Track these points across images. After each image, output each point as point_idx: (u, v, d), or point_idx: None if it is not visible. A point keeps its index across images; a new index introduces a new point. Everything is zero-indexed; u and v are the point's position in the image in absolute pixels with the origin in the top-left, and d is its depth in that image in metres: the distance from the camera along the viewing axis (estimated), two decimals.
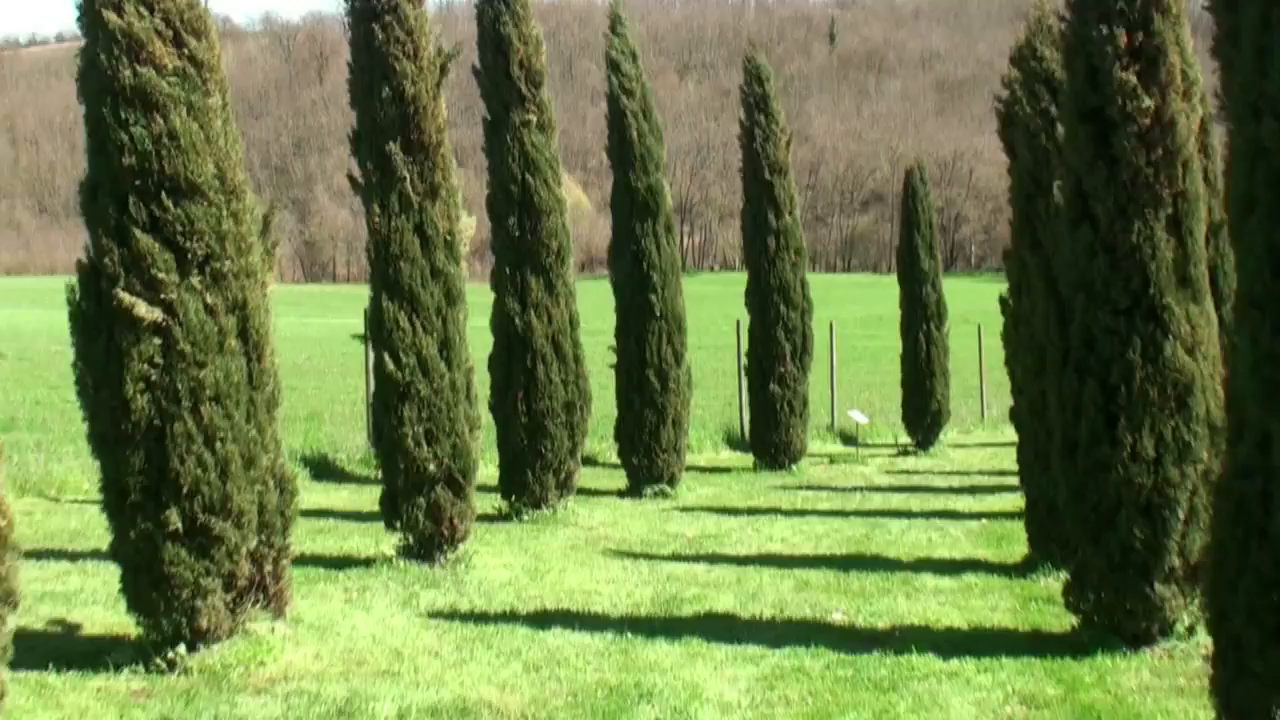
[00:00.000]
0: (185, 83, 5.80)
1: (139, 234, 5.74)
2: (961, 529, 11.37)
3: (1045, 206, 8.81)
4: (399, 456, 8.82)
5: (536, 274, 11.75)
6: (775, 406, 15.98)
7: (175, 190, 5.74)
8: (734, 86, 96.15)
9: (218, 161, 5.90)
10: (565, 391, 11.78)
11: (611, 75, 13.77)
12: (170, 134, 5.73)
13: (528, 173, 11.65)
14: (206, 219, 5.78)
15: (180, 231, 5.73)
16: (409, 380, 8.66)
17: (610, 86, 13.78)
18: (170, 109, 5.74)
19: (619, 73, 13.73)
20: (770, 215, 15.92)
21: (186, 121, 5.78)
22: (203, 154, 5.83)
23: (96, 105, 5.90)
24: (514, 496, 11.85)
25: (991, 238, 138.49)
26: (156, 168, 5.78)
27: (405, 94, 8.73)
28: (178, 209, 5.71)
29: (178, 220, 5.71)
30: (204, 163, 5.82)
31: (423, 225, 8.76)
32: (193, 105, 5.83)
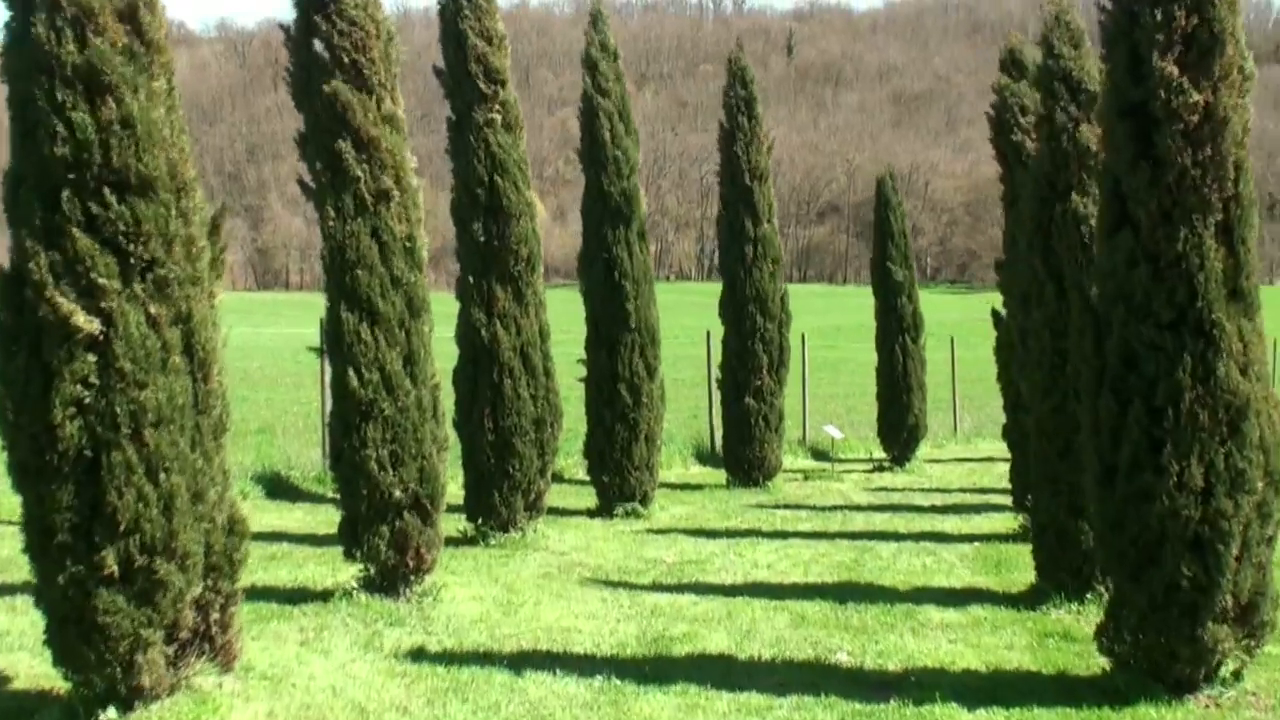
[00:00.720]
0: (134, 63, 5.05)
1: (77, 234, 4.97)
2: (955, 553, 10.77)
3: (1061, 213, 8.24)
4: (361, 481, 8.08)
5: (504, 282, 11.05)
6: (750, 421, 15.35)
7: (122, 185, 4.98)
8: (691, 98, 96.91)
9: (168, 154, 5.15)
10: (535, 407, 11.09)
11: (587, 73, 13.11)
12: (124, 121, 4.97)
13: (494, 174, 10.94)
14: (155, 219, 5.02)
15: (124, 232, 4.96)
16: (372, 398, 7.93)
17: (585, 85, 13.12)
18: (124, 92, 4.98)
19: (596, 71, 13.06)
20: (748, 222, 15.30)
21: (144, 108, 5.03)
22: (157, 145, 5.09)
23: (27, 85, 5.12)
24: (480, 519, 11.13)
25: (947, 249, 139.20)
26: (99, 159, 5.02)
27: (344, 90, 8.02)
28: (122, 206, 4.95)
29: (121, 219, 4.94)
30: (157, 155, 5.07)
31: (379, 230, 8.04)
32: (143, 89, 5.07)
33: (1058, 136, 8.28)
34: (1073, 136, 8.20)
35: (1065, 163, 8.25)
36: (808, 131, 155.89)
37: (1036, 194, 8.45)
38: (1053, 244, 8.31)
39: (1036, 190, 8.46)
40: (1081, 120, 8.20)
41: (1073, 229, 8.20)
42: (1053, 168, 8.34)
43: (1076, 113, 8.25)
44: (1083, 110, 8.26)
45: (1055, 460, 8.38)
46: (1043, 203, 8.40)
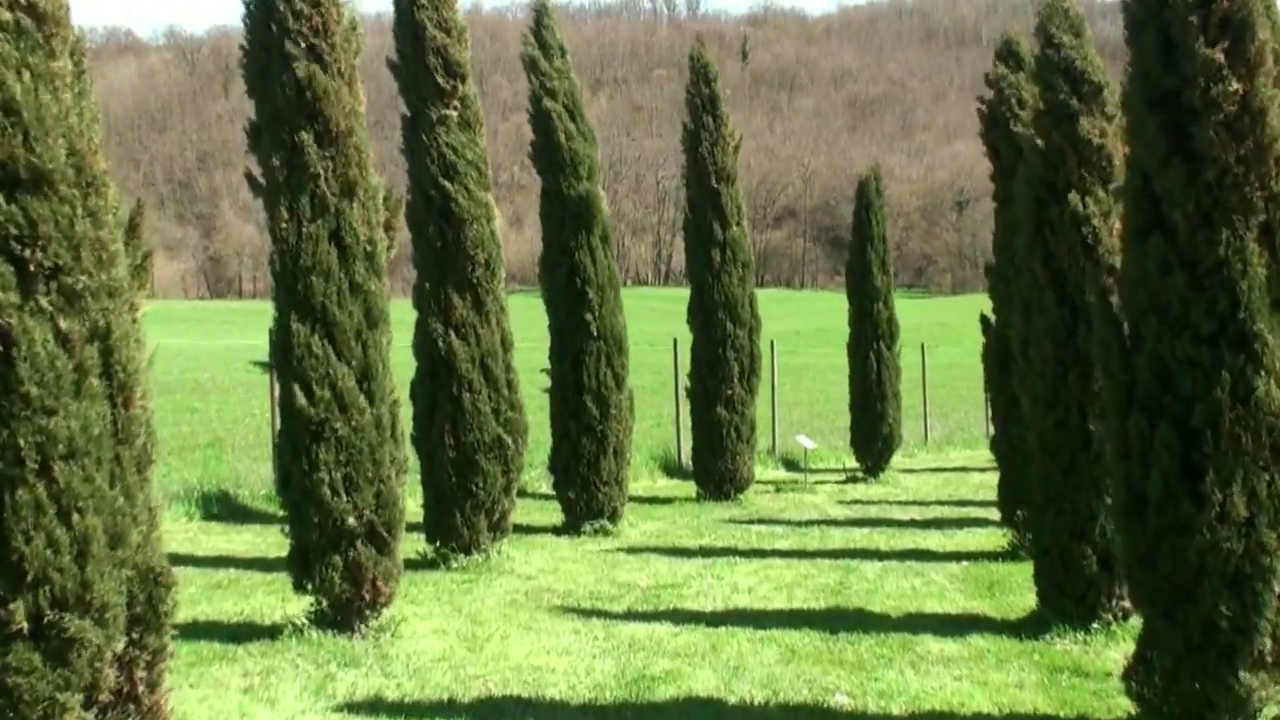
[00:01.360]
0: (22, 40, 4.34)
1: None
2: (943, 573, 10.20)
3: (1060, 213, 7.69)
4: (311, 508, 7.39)
5: (461, 290, 10.38)
6: (721, 432, 14.76)
7: (12, 181, 4.26)
8: (646, 102, 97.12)
9: (71, 144, 4.45)
10: (497, 422, 10.43)
11: (530, 74, 12.47)
12: (6, 106, 4.28)
13: (447, 176, 10.28)
14: (55, 219, 4.30)
15: (16, 236, 4.23)
16: (324, 417, 7.24)
17: (531, 86, 12.48)
18: (5, 73, 4.28)
19: (537, 70, 12.42)
20: (716, 225, 14.71)
21: (31, 89, 4.33)
22: (53, 134, 4.38)
23: None
24: (441, 540, 10.47)
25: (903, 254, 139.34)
26: None
27: (315, 75, 7.34)
28: (12, 206, 4.23)
29: (11, 221, 4.21)
30: (54, 146, 4.37)
31: (340, 232, 7.36)
32: (33, 70, 4.36)
33: (1056, 131, 7.73)
34: (1073, 131, 7.65)
35: (1064, 160, 7.71)
36: (763, 136, 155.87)
37: (1033, 194, 7.90)
38: (1052, 247, 7.76)
39: (1033, 190, 7.90)
40: (1083, 113, 7.66)
41: (1073, 231, 7.66)
42: (1051, 165, 7.79)
43: (1077, 105, 7.71)
44: (1084, 103, 7.72)
45: (1059, 479, 7.82)
46: (1040, 203, 7.84)
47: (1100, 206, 7.61)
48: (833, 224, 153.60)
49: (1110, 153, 7.64)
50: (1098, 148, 7.61)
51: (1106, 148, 7.62)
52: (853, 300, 17.59)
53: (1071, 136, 7.63)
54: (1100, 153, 7.62)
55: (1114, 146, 7.68)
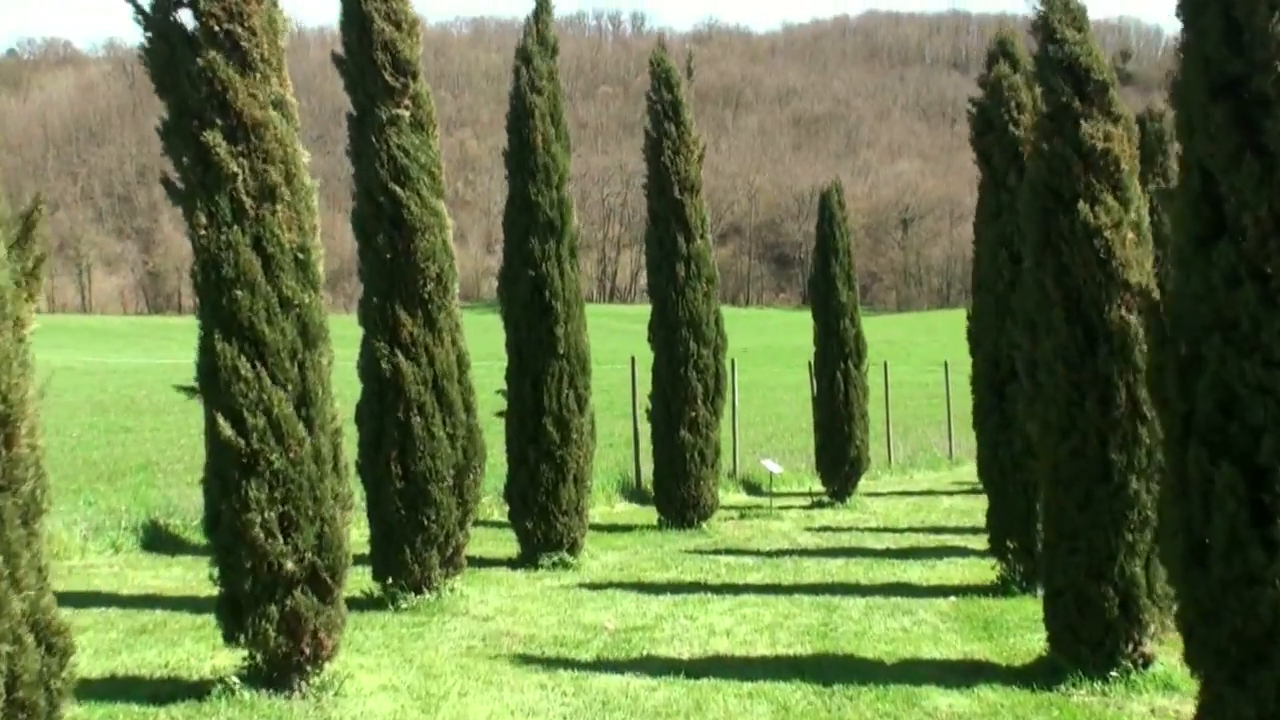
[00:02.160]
0: None
1: None
2: (932, 611, 9.49)
3: (1070, 225, 7.01)
4: (243, 551, 6.52)
5: (411, 305, 9.55)
6: (685, 456, 13.98)
7: None
8: (591, 119, 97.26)
9: None
10: (452, 448, 9.59)
11: (522, 67, 11.67)
12: None
13: (398, 181, 9.47)
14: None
15: None
16: (256, 448, 6.37)
17: (518, 80, 11.68)
18: None
19: (530, 65, 11.63)
20: (680, 238, 13.97)
21: None
22: None
23: None
24: (389, 578, 9.60)
25: None
26: None
27: (218, 63, 6.51)
28: None
29: None
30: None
31: (263, 239, 6.52)
32: None
33: (1060, 136, 7.07)
34: (1077, 135, 6.99)
35: (1069, 166, 7.04)
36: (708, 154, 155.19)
37: (1039, 203, 7.22)
38: (1065, 261, 7.08)
39: (1039, 199, 7.22)
40: (1088, 115, 7.00)
41: (1085, 243, 6.99)
42: (1055, 172, 7.12)
43: (1082, 107, 7.05)
44: (1088, 103, 7.07)
45: (1073, 513, 7.13)
46: (1047, 213, 7.16)
47: (1111, 216, 6.96)
48: (778, 241, 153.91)
49: (1118, 157, 6.99)
50: (1103, 152, 6.95)
51: (1114, 152, 6.96)
52: (817, 317, 16.89)
53: (1076, 141, 6.97)
54: (1107, 158, 6.97)
55: (1121, 150, 7.04)
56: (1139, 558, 7.04)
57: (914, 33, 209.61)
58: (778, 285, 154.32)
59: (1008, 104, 9.49)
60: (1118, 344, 6.95)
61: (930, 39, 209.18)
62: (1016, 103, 9.44)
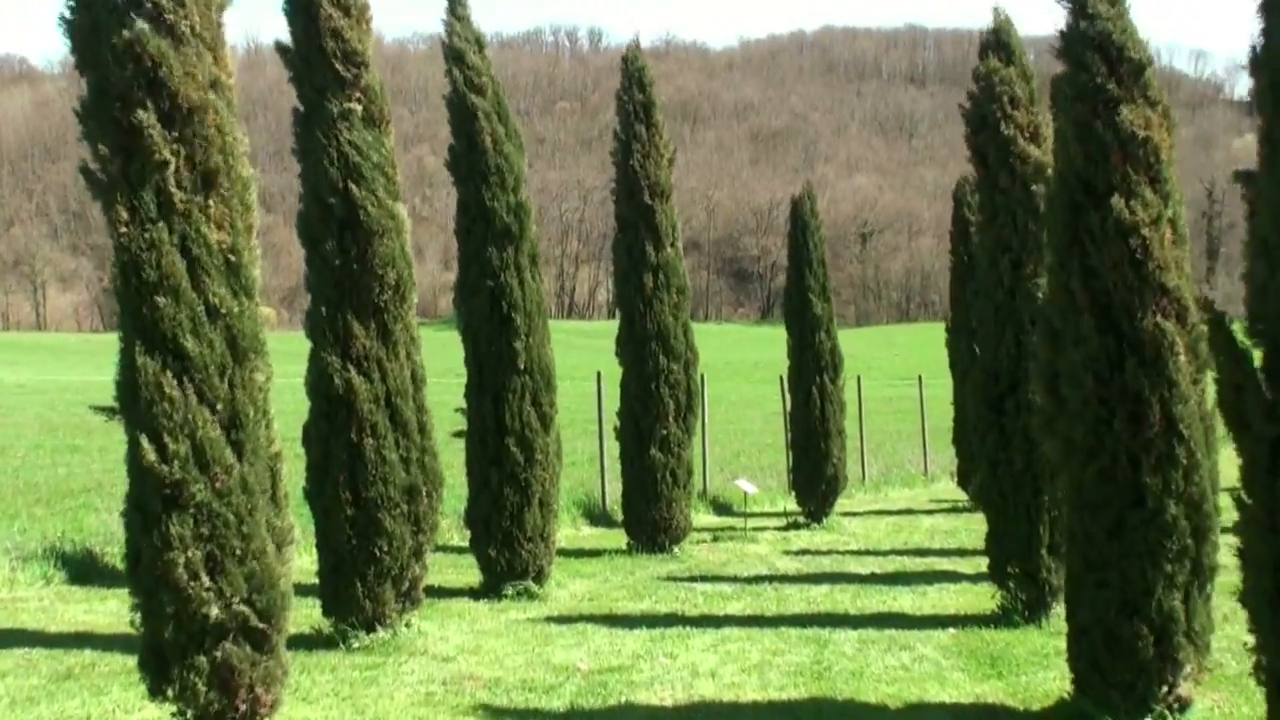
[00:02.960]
0: None
1: None
2: (931, 645, 8.75)
3: (1101, 222, 6.30)
4: (165, 594, 5.66)
5: (365, 316, 8.75)
6: (655, 476, 13.19)
7: None
8: (549, 135, 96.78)
9: None
10: (406, 472, 8.78)
11: (454, 66, 10.87)
12: None
13: (351, 180, 8.65)
14: None
15: None
16: (179, 478, 5.52)
17: (453, 82, 10.87)
18: None
19: (463, 63, 10.83)
20: (649, 246, 13.21)
21: None
22: None
23: None
24: (339, 615, 8.77)
25: None
26: None
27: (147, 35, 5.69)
28: None
29: None
30: None
31: (189, 238, 5.68)
32: None
33: (1096, 121, 6.36)
34: (1114, 120, 6.29)
35: (1105, 155, 6.33)
36: None
37: (1067, 199, 6.51)
38: (1093, 262, 6.37)
39: (1066, 194, 6.51)
40: (1125, 98, 6.31)
41: (1118, 242, 6.29)
42: (1088, 163, 6.41)
43: (1118, 89, 6.35)
44: (1124, 86, 6.37)
45: (1102, 542, 6.42)
46: (1075, 209, 6.46)
47: (1149, 211, 6.26)
48: (736, 256, 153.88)
49: (1157, 146, 6.30)
50: (1143, 140, 6.26)
51: (1153, 140, 6.27)
52: (791, 330, 16.16)
53: (1113, 127, 6.26)
54: (1146, 146, 6.27)
55: (1160, 139, 6.34)
56: (1177, 591, 6.34)
57: (870, 47, 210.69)
58: (736, 300, 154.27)
59: (1000, 99, 8.80)
60: (1150, 355, 6.25)
61: (887, 54, 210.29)
62: (1010, 98, 8.77)
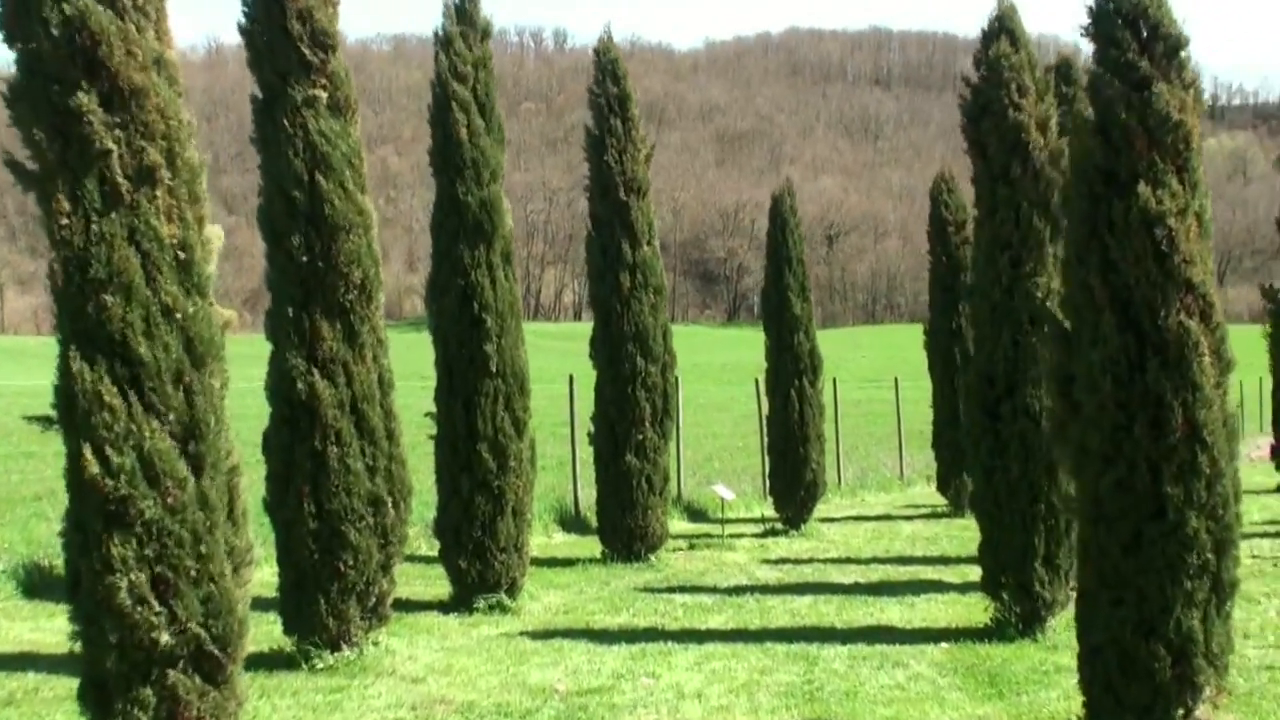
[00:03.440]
0: None
1: None
2: (925, 661, 8.34)
3: (1125, 212, 5.90)
4: (107, 621, 5.15)
5: (330, 316, 8.27)
6: (631, 482, 12.72)
7: None
8: (514, 136, 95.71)
9: None
10: (372, 482, 8.31)
11: (441, 52, 10.40)
12: None
13: (317, 171, 8.17)
14: None
15: None
16: (124, 493, 5.01)
17: (439, 66, 10.40)
18: None
19: (450, 50, 10.36)
20: (625, 245, 12.74)
21: None
22: None
23: None
24: (301, 633, 8.28)
25: None
26: None
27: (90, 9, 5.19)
28: None
29: None
30: None
31: (138, 232, 5.19)
32: None
33: (1122, 103, 5.95)
34: (1145, 103, 5.89)
35: (1132, 141, 5.93)
36: None
37: (1087, 187, 6.10)
38: (1114, 256, 5.97)
39: (1087, 182, 6.11)
40: (1158, 79, 5.91)
41: (1141, 234, 5.88)
42: (1110, 149, 6.01)
43: (1150, 68, 5.95)
44: (1158, 65, 5.97)
45: (1117, 556, 6.01)
46: (1095, 200, 6.05)
47: (1176, 202, 5.86)
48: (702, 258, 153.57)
49: (1189, 132, 5.90)
50: (1175, 125, 5.86)
51: (1186, 125, 5.87)
52: (769, 331, 15.74)
53: (1143, 110, 5.86)
54: (1178, 132, 5.87)
55: (1193, 124, 5.95)
56: (1196, 609, 5.94)
57: (836, 49, 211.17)
58: (703, 302, 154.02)
59: (1008, 86, 8.41)
60: (1174, 356, 5.85)
61: (852, 55, 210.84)
62: (1019, 85, 8.38)
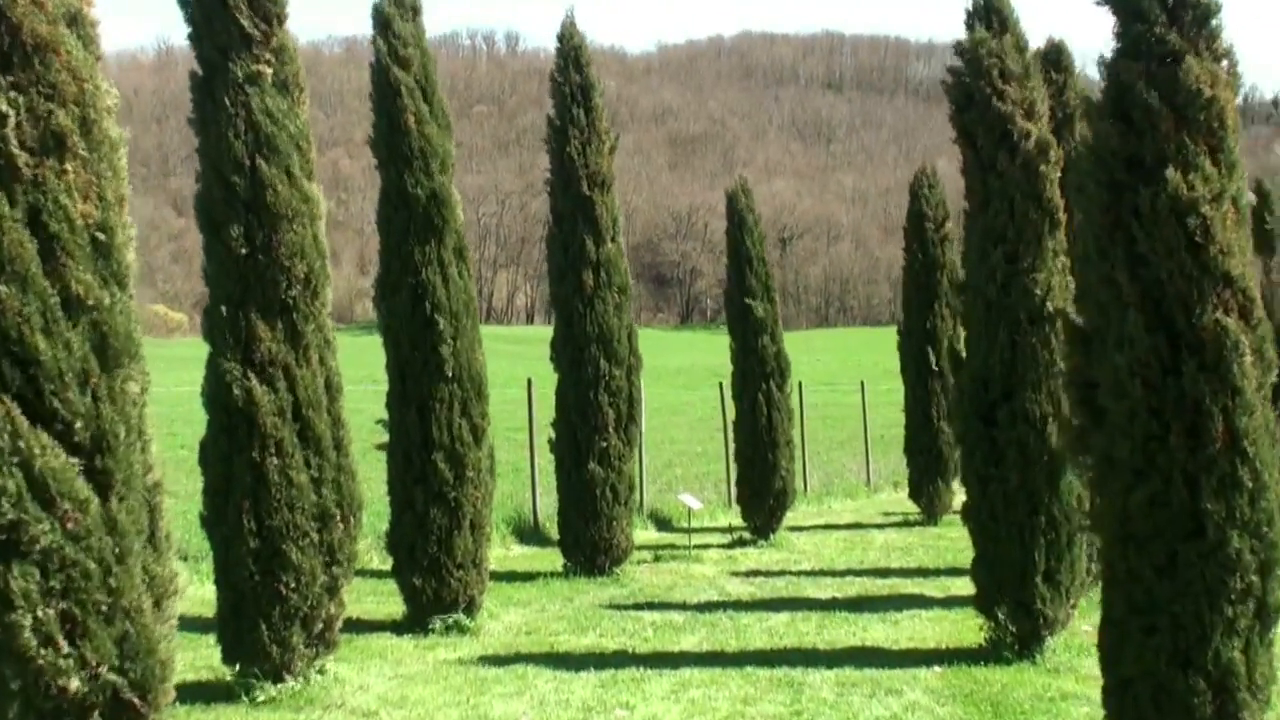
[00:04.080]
0: None
1: None
2: (920, 688, 7.73)
3: (1152, 200, 5.31)
4: (9, 665, 4.42)
5: (271, 314, 7.55)
6: (595, 492, 12.04)
7: None
8: (466, 139, 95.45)
9: None
10: (318, 495, 7.59)
11: (379, 35, 9.69)
12: None
13: (260, 155, 7.45)
14: None
15: None
16: (14, 519, 4.29)
17: (376, 52, 9.70)
18: None
19: (389, 31, 9.66)
20: (588, 241, 12.05)
21: None
22: None
23: None
24: (242, 662, 7.54)
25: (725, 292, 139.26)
26: None
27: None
28: None
29: None
30: None
31: (42, 211, 4.46)
32: None
33: (1146, 80, 5.36)
34: (1173, 78, 5.30)
35: (1156, 120, 5.34)
36: None
37: (1107, 173, 5.51)
38: (1141, 249, 5.38)
39: (1106, 167, 5.51)
40: (1188, 52, 5.32)
41: (1171, 224, 5.30)
42: (1133, 133, 5.42)
43: (1180, 40, 5.36)
44: (1187, 36, 5.39)
45: (1151, 579, 5.43)
46: (1118, 188, 5.46)
47: (1210, 187, 5.28)
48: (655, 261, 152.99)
49: (1222, 109, 5.32)
50: (1206, 102, 5.28)
51: (1219, 102, 5.29)
52: (734, 333, 15.12)
53: (1170, 85, 5.27)
54: (1210, 109, 5.29)
55: (1226, 100, 5.37)
56: (1238, 637, 5.37)
57: (788, 53, 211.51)
58: (655, 305, 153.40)
59: (989, 74, 7.83)
60: (1211, 357, 5.27)
61: (805, 59, 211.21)
62: (1001, 72, 7.81)
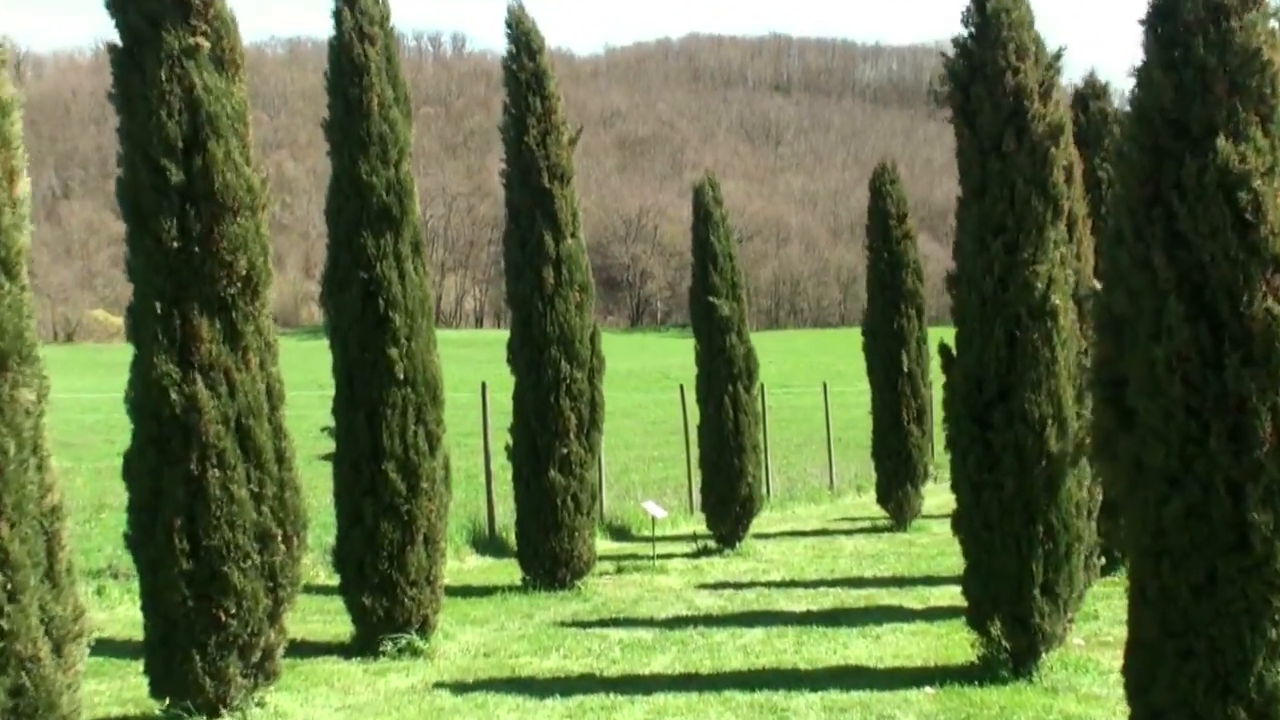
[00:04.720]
0: None
1: None
2: (912, 711, 7.18)
3: (1199, 172, 4.76)
4: None
5: (208, 313, 6.89)
6: (555, 502, 11.41)
7: None
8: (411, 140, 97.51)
9: None
10: (259, 513, 6.93)
11: (345, 9, 9.02)
12: None
13: (199, 136, 6.78)
14: None
15: None
16: None
17: (339, 25, 9.03)
18: None
19: (355, 9, 8.99)
20: (547, 237, 11.42)
21: None
22: None
23: None
24: (172, 696, 6.85)
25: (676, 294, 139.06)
26: None
27: None
28: None
29: None
30: None
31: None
32: None
33: (1195, 40, 4.82)
34: (1225, 39, 4.76)
35: (1209, 84, 4.80)
36: None
37: (1148, 140, 4.96)
38: (1182, 228, 4.84)
39: (1147, 135, 4.96)
40: (1240, 7, 4.79)
41: (1218, 201, 4.76)
42: (1181, 96, 4.87)
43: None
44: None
45: (1188, 599, 4.88)
46: (1159, 157, 4.91)
47: (1262, 159, 4.74)
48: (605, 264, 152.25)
49: (1276, 75, 4.79)
50: (1261, 66, 4.74)
51: (1275, 66, 4.76)
52: (699, 334, 14.52)
53: (1222, 46, 4.73)
54: (1264, 74, 4.76)
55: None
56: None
57: (736, 55, 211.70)
58: (605, 308, 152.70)
59: (1005, 46, 7.29)
60: (1260, 351, 4.73)
61: (752, 61, 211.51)
62: (1018, 46, 7.27)
